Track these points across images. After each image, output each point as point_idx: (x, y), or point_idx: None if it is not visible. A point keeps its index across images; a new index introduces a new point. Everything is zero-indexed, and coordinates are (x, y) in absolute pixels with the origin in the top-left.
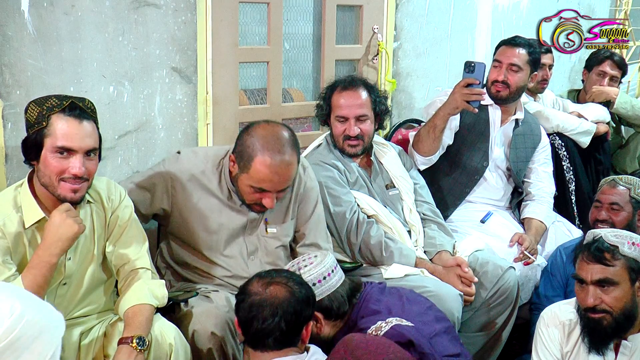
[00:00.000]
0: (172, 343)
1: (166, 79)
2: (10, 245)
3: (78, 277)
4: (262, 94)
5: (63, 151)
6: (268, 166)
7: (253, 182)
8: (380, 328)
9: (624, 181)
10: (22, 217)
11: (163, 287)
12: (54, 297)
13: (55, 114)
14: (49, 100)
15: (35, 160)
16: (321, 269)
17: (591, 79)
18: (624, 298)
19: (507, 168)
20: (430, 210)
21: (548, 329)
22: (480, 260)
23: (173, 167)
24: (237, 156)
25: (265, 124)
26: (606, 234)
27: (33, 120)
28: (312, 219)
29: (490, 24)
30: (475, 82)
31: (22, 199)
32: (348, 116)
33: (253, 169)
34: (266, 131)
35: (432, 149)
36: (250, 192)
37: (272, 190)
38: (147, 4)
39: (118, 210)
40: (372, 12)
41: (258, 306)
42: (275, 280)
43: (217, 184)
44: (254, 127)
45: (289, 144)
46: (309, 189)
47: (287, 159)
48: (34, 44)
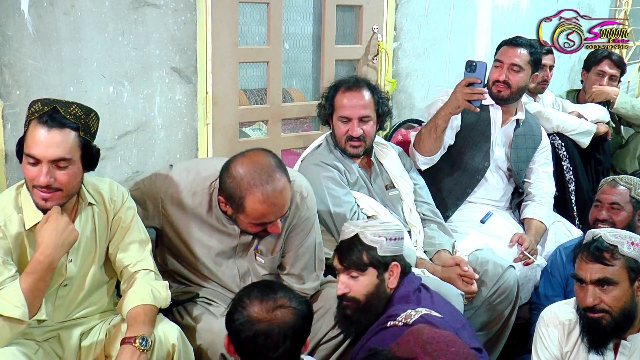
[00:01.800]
0: (175, 344)
1: (166, 79)
2: (11, 245)
3: (79, 278)
4: (262, 94)
5: (32, 159)
6: (262, 202)
7: (252, 219)
8: (410, 316)
9: (624, 181)
10: (23, 218)
11: (166, 288)
12: (54, 298)
13: (34, 119)
14: (36, 105)
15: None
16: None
17: (590, 79)
18: (623, 298)
19: (508, 168)
20: (430, 210)
21: (548, 328)
22: (480, 260)
23: (163, 186)
24: (226, 199)
25: (241, 158)
26: (605, 233)
27: (24, 126)
28: (300, 249)
29: (490, 24)
30: (476, 82)
31: (23, 200)
32: (351, 117)
33: (248, 209)
34: (246, 167)
35: (434, 148)
36: (253, 227)
37: (274, 220)
38: (146, 4)
39: (120, 211)
40: (372, 12)
41: (266, 335)
42: (279, 304)
43: (207, 208)
44: (231, 166)
45: (273, 169)
46: (303, 219)
47: (278, 186)
48: (34, 44)
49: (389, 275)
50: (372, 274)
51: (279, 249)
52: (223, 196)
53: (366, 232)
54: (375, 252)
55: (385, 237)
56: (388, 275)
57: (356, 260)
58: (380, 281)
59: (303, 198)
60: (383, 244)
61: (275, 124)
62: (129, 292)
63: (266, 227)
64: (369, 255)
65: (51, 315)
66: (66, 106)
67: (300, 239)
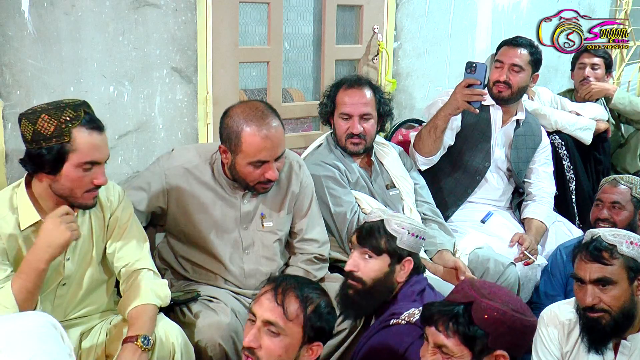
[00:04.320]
0: (176, 343)
1: (166, 79)
2: (6, 246)
3: (77, 277)
4: (262, 94)
5: (90, 164)
6: (257, 134)
7: (250, 157)
8: (413, 315)
9: (625, 180)
10: (18, 219)
11: (166, 287)
12: (53, 297)
13: (75, 127)
14: (65, 112)
15: (51, 173)
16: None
17: (576, 75)
18: (623, 297)
19: (508, 169)
20: (431, 210)
21: (548, 328)
22: (480, 258)
23: (166, 164)
24: (225, 142)
25: (239, 104)
26: (604, 233)
27: (49, 133)
28: (308, 214)
29: (490, 24)
30: (476, 83)
31: (18, 200)
32: (352, 114)
33: (245, 144)
34: (243, 108)
35: (433, 149)
36: (251, 170)
37: (270, 160)
38: (147, 4)
39: (117, 211)
40: (372, 12)
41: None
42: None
43: (211, 176)
44: (230, 110)
45: (269, 110)
46: (305, 186)
47: (273, 123)
48: (34, 44)
49: (400, 268)
50: (385, 261)
51: (285, 212)
52: (223, 142)
53: (391, 221)
54: (395, 242)
55: (407, 230)
56: (400, 268)
57: (374, 243)
58: (390, 270)
59: (300, 166)
60: (404, 236)
61: None
62: (129, 291)
63: (264, 174)
64: (388, 243)
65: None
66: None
67: (307, 203)
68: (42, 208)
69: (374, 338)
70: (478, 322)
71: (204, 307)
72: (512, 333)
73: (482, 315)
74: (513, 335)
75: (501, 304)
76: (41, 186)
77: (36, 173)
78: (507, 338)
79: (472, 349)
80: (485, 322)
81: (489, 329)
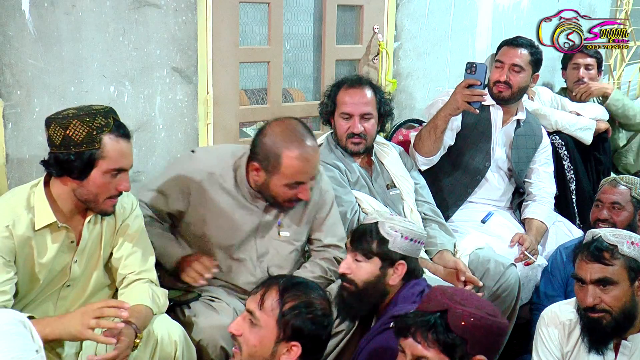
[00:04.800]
0: (178, 342)
1: (167, 79)
2: (17, 246)
3: (83, 280)
4: (262, 94)
5: (117, 171)
6: (298, 157)
7: (287, 179)
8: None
9: (625, 181)
10: (33, 219)
11: (165, 296)
12: (56, 298)
13: (105, 134)
14: (96, 119)
15: (78, 178)
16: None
17: (570, 75)
18: (624, 297)
19: (509, 169)
20: (431, 210)
21: (548, 328)
22: (481, 258)
23: (188, 166)
24: (261, 161)
25: (276, 122)
26: (605, 233)
27: (80, 139)
28: (328, 220)
29: (490, 24)
30: (476, 83)
31: (35, 200)
32: (353, 113)
33: (284, 166)
34: (281, 127)
35: (433, 149)
36: (285, 191)
37: (306, 181)
38: (147, 4)
39: (129, 219)
40: (372, 12)
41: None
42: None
43: (233, 183)
44: (267, 128)
45: (306, 130)
46: (324, 192)
47: (312, 144)
48: (35, 44)
49: (392, 272)
50: (376, 265)
51: (304, 222)
52: (257, 160)
53: (385, 224)
54: (387, 245)
55: (401, 234)
56: (392, 271)
57: (365, 246)
58: (381, 274)
59: (320, 174)
60: (397, 239)
61: None
62: (127, 292)
63: (296, 194)
64: (379, 246)
65: (52, 315)
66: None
67: (328, 209)
68: (59, 209)
69: (374, 341)
70: (456, 330)
71: (205, 307)
72: (488, 337)
73: (459, 322)
74: (490, 339)
75: (475, 309)
76: (63, 189)
77: (60, 176)
78: (485, 342)
79: (452, 357)
80: (463, 328)
81: (467, 335)
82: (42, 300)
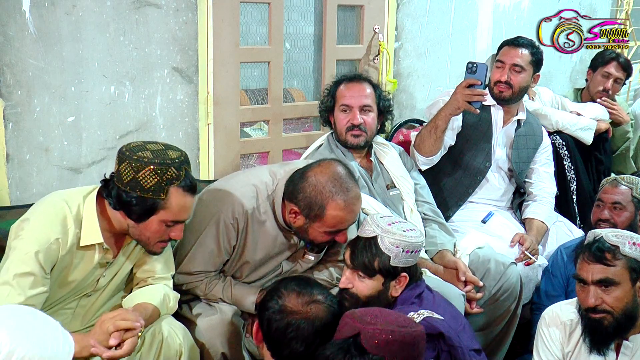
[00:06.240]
0: (182, 343)
1: (167, 79)
2: (59, 258)
3: (104, 290)
4: (263, 94)
5: (174, 223)
6: (343, 208)
7: (329, 227)
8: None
9: (626, 181)
10: (79, 234)
11: (176, 300)
12: (75, 306)
13: (174, 186)
14: (169, 171)
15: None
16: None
17: (596, 80)
18: (625, 298)
19: (509, 169)
20: (431, 210)
21: (549, 329)
22: (481, 258)
23: (227, 211)
24: (302, 208)
25: (317, 168)
26: (607, 234)
27: (148, 186)
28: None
29: (491, 24)
30: (477, 83)
31: (85, 214)
32: (352, 105)
33: (328, 216)
34: (326, 174)
35: (434, 149)
36: (324, 236)
37: (347, 227)
38: (148, 4)
39: None
40: (373, 12)
41: (298, 328)
42: (315, 299)
43: (273, 219)
44: (309, 175)
45: (350, 177)
46: None
47: (356, 193)
48: (35, 44)
49: (395, 284)
50: (379, 281)
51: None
52: (296, 205)
53: (385, 239)
54: (388, 260)
55: (402, 249)
56: (395, 283)
57: (366, 264)
58: (384, 288)
59: None
60: (399, 254)
61: (277, 124)
62: (140, 290)
63: (335, 237)
64: (381, 262)
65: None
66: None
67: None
68: (105, 227)
69: None
70: (372, 350)
71: (206, 307)
72: (405, 348)
73: (372, 341)
74: (407, 349)
75: (386, 324)
76: (116, 216)
77: (117, 210)
78: (403, 354)
79: None
80: (377, 347)
81: (383, 352)
82: (62, 306)
